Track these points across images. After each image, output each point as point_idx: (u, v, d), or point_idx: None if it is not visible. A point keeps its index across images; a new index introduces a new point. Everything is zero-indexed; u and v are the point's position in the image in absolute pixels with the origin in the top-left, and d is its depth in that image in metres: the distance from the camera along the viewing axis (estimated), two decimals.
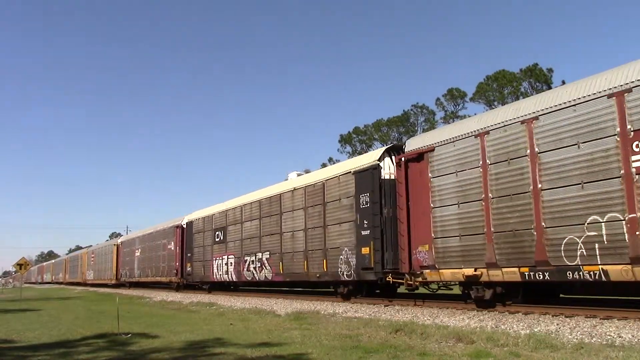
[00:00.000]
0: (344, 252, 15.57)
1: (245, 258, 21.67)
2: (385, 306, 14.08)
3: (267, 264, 19.97)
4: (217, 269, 24.31)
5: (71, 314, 16.72)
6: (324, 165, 54.69)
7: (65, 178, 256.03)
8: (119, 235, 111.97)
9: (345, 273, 15.45)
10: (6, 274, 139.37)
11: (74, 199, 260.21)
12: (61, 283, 69.21)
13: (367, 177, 14.79)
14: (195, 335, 9.84)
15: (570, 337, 7.92)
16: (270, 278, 19.78)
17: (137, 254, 37.87)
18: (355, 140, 64.98)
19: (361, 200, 14.90)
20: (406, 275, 13.16)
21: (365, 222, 14.64)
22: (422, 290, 14.15)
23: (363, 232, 14.70)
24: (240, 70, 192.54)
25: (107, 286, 46.10)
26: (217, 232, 24.57)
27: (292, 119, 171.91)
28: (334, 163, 55.77)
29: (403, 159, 13.54)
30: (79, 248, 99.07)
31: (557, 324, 9.08)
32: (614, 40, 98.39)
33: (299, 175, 21.15)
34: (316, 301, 17.00)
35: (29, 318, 15.22)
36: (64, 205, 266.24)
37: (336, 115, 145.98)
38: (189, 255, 27.81)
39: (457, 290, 13.81)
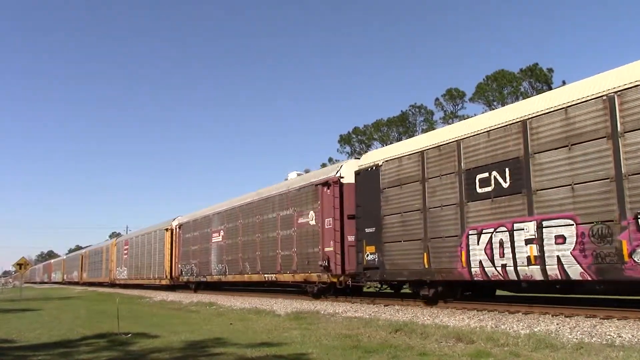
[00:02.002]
0: None
1: None
2: (385, 306, 14.07)
3: None
4: (491, 254, 11.22)
5: (71, 313, 16.72)
6: (323, 166, 54.20)
7: (66, 178, 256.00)
8: (119, 234, 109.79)
9: None
10: (6, 273, 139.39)
11: (74, 199, 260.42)
12: (77, 283, 58.23)
13: None
14: (195, 335, 9.84)
15: (570, 336, 7.92)
16: None
17: (217, 239, 24.44)
18: (354, 141, 65.01)
19: None
20: None
21: None
22: None
23: None
24: (240, 70, 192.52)
25: (154, 288, 33.92)
26: (477, 177, 11.70)
27: (292, 119, 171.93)
28: (333, 163, 55.17)
29: None
30: (79, 248, 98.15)
31: (557, 324, 9.08)
32: (614, 40, 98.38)
33: (299, 175, 20.73)
34: (316, 301, 16.98)
35: (29, 318, 15.21)
36: (64, 205, 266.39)
37: (336, 115, 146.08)
38: (369, 231, 14.70)
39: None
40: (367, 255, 14.73)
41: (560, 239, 9.96)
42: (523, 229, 10.64)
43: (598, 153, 9.43)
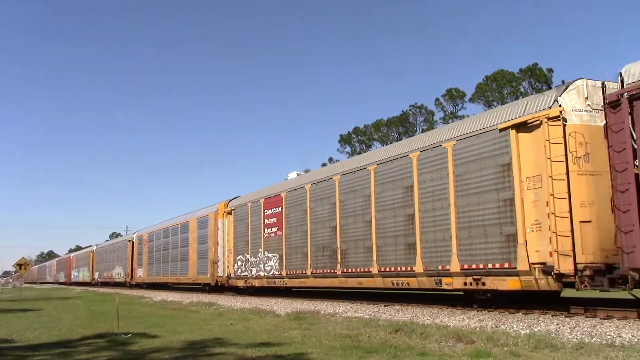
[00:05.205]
0: None
1: None
2: (385, 306, 14.07)
3: None
4: None
5: (71, 314, 16.71)
6: (323, 165, 54.18)
7: (65, 178, 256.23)
8: (118, 235, 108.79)
9: None
10: (6, 273, 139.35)
11: (74, 199, 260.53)
12: (122, 285, 39.02)
13: None
14: (195, 335, 9.84)
15: (570, 337, 7.91)
16: None
17: None
18: (354, 141, 64.94)
19: None
20: None
21: None
22: None
23: None
24: (240, 71, 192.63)
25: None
26: None
27: (292, 119, 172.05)
28: (333, 163, 55.15)
29: None
30: (79, 248, 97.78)
31: (557, 324, 9.07)
32: (614, 39, 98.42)
33: (298, 175, 20.90)
34: (316, 301, 16.96)
35: (29, 318, 15.20)
36: (64, 205, 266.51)
37: (336, 115, 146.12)
38: None
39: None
40: None
41: None
42: None
43: None
